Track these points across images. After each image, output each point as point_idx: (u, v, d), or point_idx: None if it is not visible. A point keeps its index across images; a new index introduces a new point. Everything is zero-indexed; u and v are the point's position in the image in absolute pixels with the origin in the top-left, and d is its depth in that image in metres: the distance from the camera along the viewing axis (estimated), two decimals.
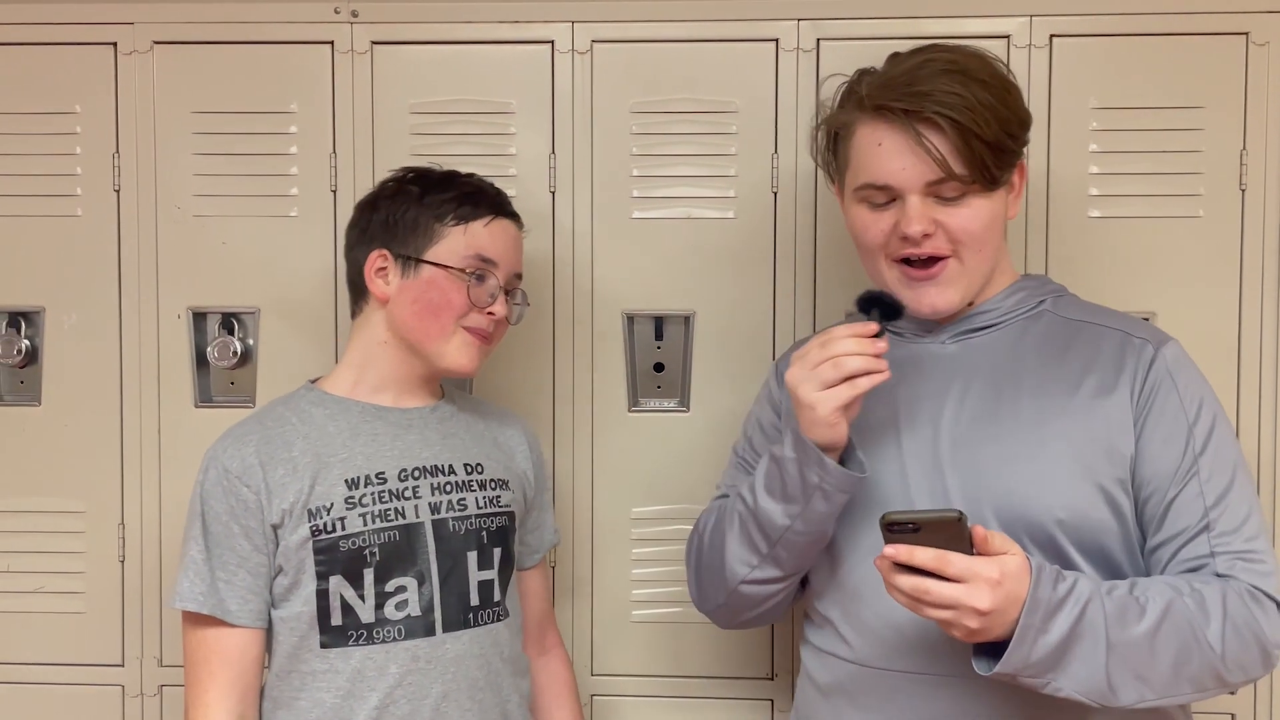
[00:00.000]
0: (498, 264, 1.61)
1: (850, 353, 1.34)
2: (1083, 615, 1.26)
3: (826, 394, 1.34)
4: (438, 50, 1.94)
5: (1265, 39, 1.83)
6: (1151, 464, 1.37)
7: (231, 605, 1.52)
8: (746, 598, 1.52)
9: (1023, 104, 1.45)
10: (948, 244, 1.42)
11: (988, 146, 1.37)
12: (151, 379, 1.97)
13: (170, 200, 1.96)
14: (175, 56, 1.95)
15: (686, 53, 1.91)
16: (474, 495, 1.62)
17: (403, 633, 1.54)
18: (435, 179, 1.63)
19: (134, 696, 1.98)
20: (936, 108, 1.37)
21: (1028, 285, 1.52)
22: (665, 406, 1.96)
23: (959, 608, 1.22)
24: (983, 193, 1.40)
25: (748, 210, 1.91)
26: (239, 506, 1.53)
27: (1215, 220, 1.85)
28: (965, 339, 1.49)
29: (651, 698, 1.95)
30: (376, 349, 1.62)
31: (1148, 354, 1.41)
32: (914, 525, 1.23)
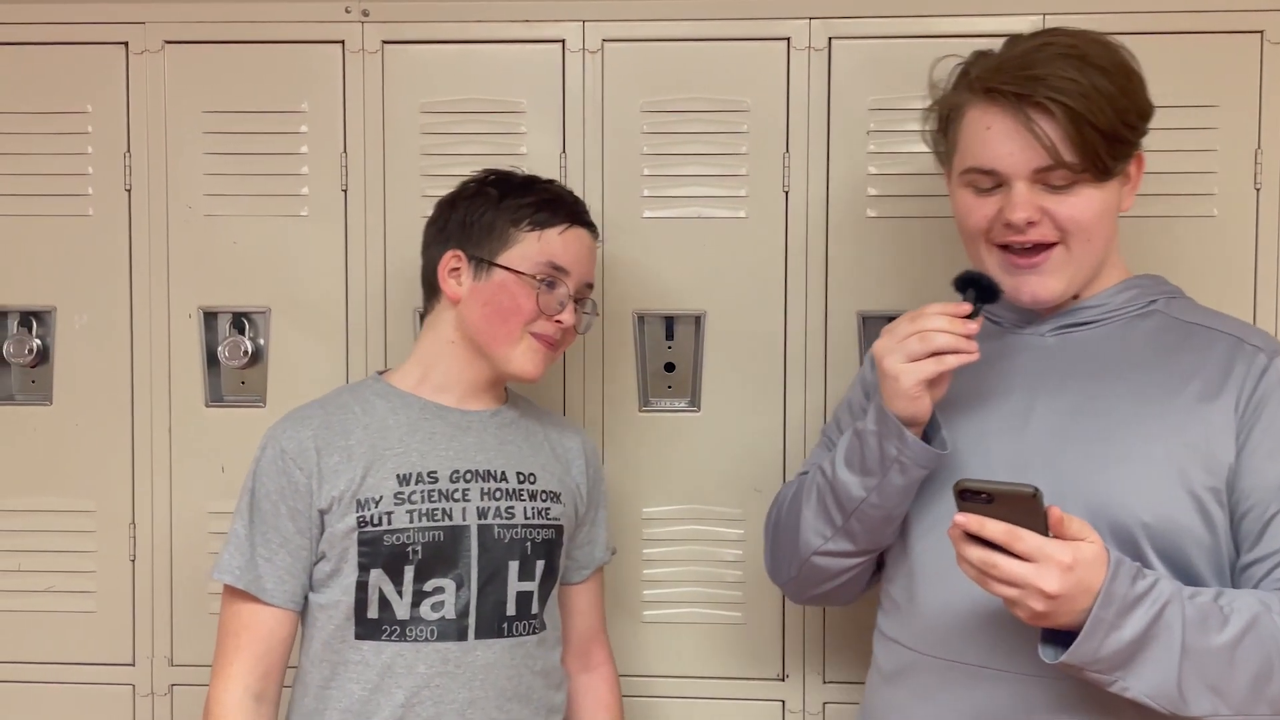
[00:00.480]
0: (569, 272, 1.60)
1: (939, 329, 1.34)
2: (1160, 616, 1.21)
3: (911, 366, 1.34)
4: (448, 49, 1.94)
5: (1275, 40, 1.82)
6: (1252, 477, 1.31)
7: (268, 584, 1.53)
8: (818, 570, 1.52)
9: (1144, 94, 1.39)
10: (1054, 232, 1.37)
11: (1101, 135, 1.33)
12: (162, 378, 1.97)
13: (181, 200, 1.96)
14: (186, 56, 1.95)
15: (697, 52, 1.91)
16: (523, 505, 1.61)
17: (435, 634, 1.54)
18: (516, 183, 1.63)
19: (144, 696, 1.98)
20: (1049, 92, 1.33)
21: (1141, 284, 1.46)
22: (676, 406, 1.95)
23: (1025, 587, 1.19)
24: (1094, 182, 1.35)
25: (759, 210, 1.91)
26: (289, 488, 1.54)
27: (1229, 220, 1.84)
28: (1067, 333, 1.44)
29: (662, 698, 1.95)
30: (444, 347, 1.62)
31: (1260, 362, 1.34)
32: (987, 495, 1.19)
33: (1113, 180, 1.38)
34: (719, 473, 1.94)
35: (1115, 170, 1.37)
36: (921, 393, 1.35)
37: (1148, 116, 1.40)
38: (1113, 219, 1.41)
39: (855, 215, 1.89)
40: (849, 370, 1.90)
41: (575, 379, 1.94)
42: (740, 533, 1.93)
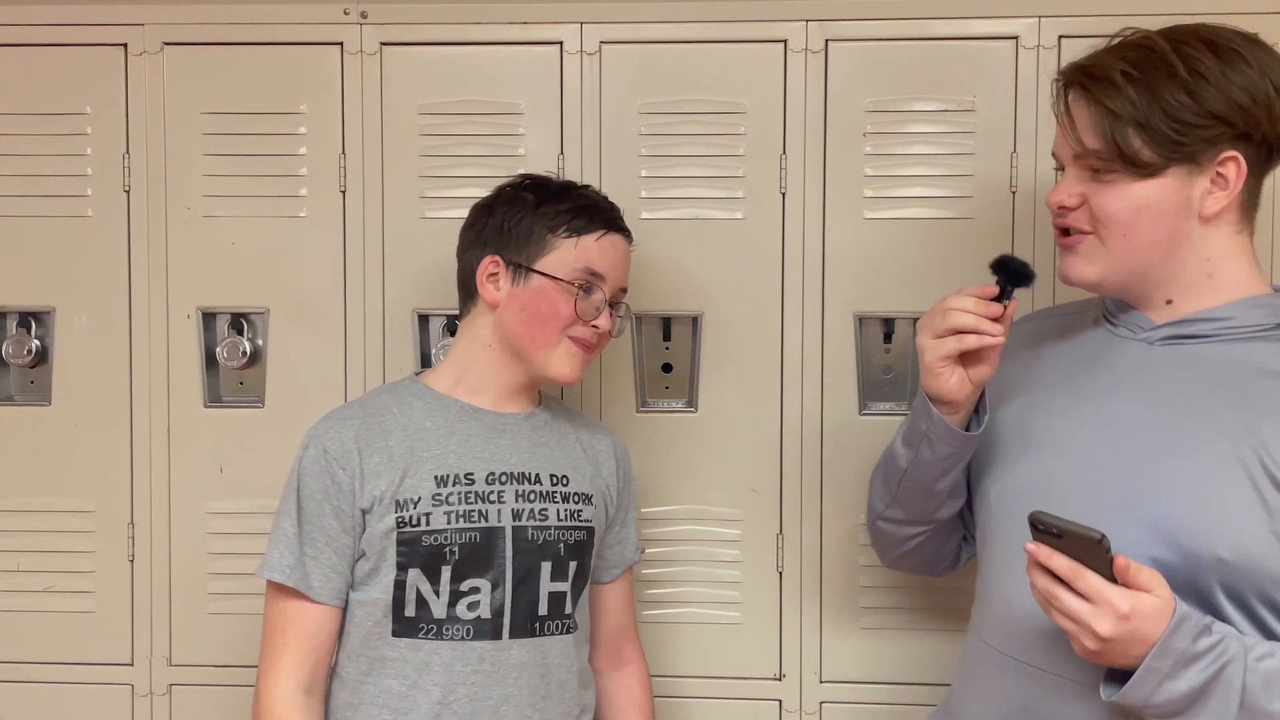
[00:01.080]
0: (605, 278, 1.62)
1: (962, 308, 1.36)
2: (1220, 674, 1.20)
3: (932, 343, 1.38)
4: (447, 51, 1.94)
5: (1273, 41, 1.82)
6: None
7: (315, 581, 1.56)
8: (883, 535, 1.63)
9: (1221, 96, 1.30)
10: (1089, 220, 1.37)
11: (1132, 125, 1.30)
12: (161, 379, 1.97)
13: (180, 201, 1.96)
14: (185, 58, 1.96)
15: (695, 54, 1.91)
16: (556, 507, 1.63)
17: (471, 633, 1.57)
18: (553, 189, 1.64)
19: (143, 696, 1.98)
20: (1083, 78, 1.34)
21: (1275, 302, 1.36)
22: (673, 407, 1.96)
23: (1080, 624, 1.20)
24: (1137, 176, 1.32)
25: (756, 211, 1.91)
26: (333, 487, 1.56)
27: None
28: (1176, 344, 1.37)
29: (660, 698, 1.94)
30: (480, 350, 1.64)
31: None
32: (1057, 531, 1.21)
33: (1163, 177, 1.32)
34: (716, 473, 1.94)
35: (1152, 164, 1.31)
36: (943, 369, 1.38)
37: (1224, 118, 1.30)
38: (1169, 221, 1.33)
39: (852, 217, 1.90)
40: (845, 370, 1.91)
41: None
42: (737, 533, 1.94)
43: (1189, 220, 1.34)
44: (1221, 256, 1.36)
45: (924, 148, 1.88)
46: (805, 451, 1.92)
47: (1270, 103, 1.32)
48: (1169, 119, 1.29)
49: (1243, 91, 1.30)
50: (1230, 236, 1.36)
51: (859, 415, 1.91)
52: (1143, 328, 1.40)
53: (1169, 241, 1.35)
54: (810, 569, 1.93)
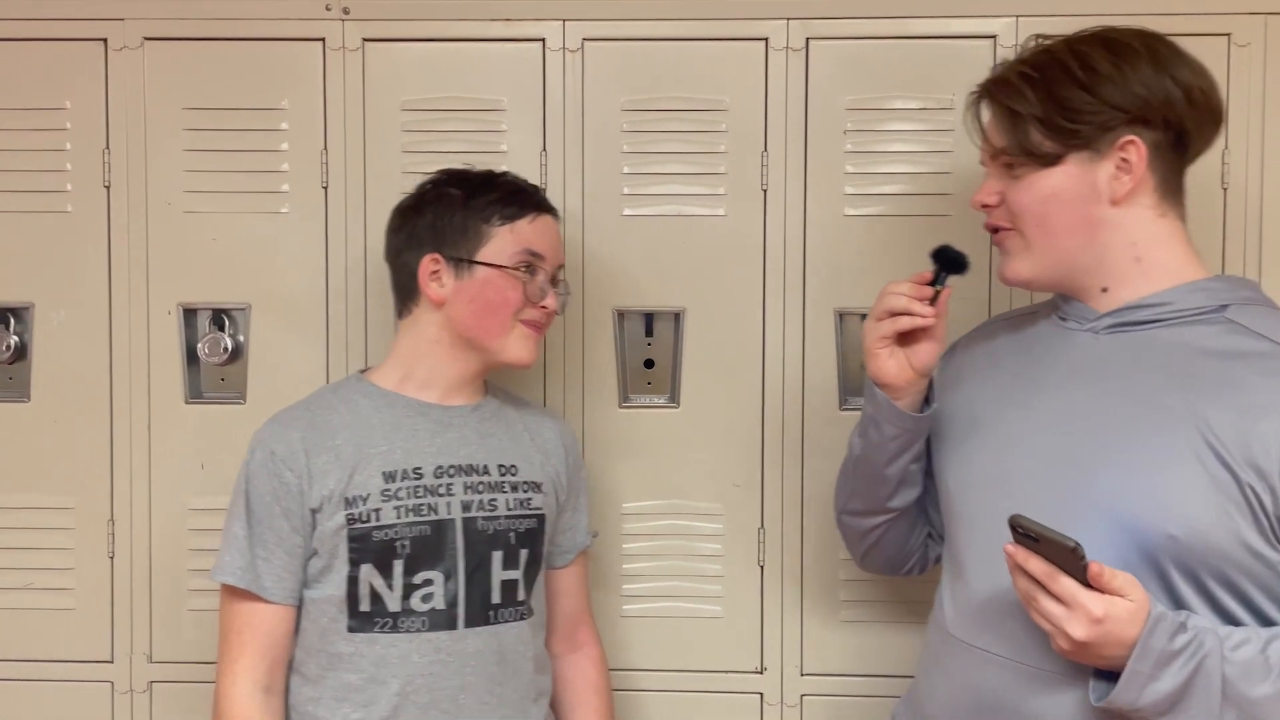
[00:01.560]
0: (545, 257, 1.65)
1: (897, 292, 1.45)
2: (1199, 669, 1.23)
3: (871, 325, 1.47)
4: (429, 48, 1.95)
5: (1247, 40, 1.86)
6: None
7: (268, 582, 1.58)
8: (848, 529, 1.69)
9: (1113, 87, 1.37)
10: (1008, 218, 1.44)
11: (1034, 121, 1.37)
12: (141, 375, 1.97)
13: (161, 196, 1.96)
14: (166, 52, 1.95)
15: (677, 51, 1.93)
16: (505, 496, 1.65)
17: (426, 624, 1.59)
18: (477, 181, 1.66)
19: (123, 693, 1.98)
20: (990, 87, 1.45)
21: (1212, 286, 1.40)
22: (655, 402, 1.97)
23: (1056, 627, 1.24)
24: (1039, 166, 1.39)
25: (738, 208, 1.93)
26: (281, 489, 1.58)
27: (1198, 219, 1.84)
28: (1121, 332, 1.41)
29: (641, 692, 1.96)
30: (428, 347, 1.65)
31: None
32: (1035, 536, 1.24)
33: (1064, 165, 1.38)
34: (698, 468, 1.95)
35: (1052, 154, 1.38)
36: (881, 350, 1.46)
37: (1121, 107, 1.36)
38: (1078, 207, 1.39)
39: (833, 214, 1.92)
40: (826, 366, 1.93)
41: (555, 375, 1.95)
42: (719, 527, 1.95)
43: (1099, 206, 1.39)
44: (1148, 242, 1.40)
45: (904, 145, 1.90)
46: (786, 446, 1.93)
47: (1168, 94, 1.37)
48: (1063, 110, 1.37)
49: (1138, 84, 1.37)
50: (1152, 220, 1.40)
51: (839, 410, 1.92)
52: (1088, 318, 1.44)
53: (1084, 228, 1.40)
54: (791, 563, 1.94)
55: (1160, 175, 1.40)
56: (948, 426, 1.53)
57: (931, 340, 1.47)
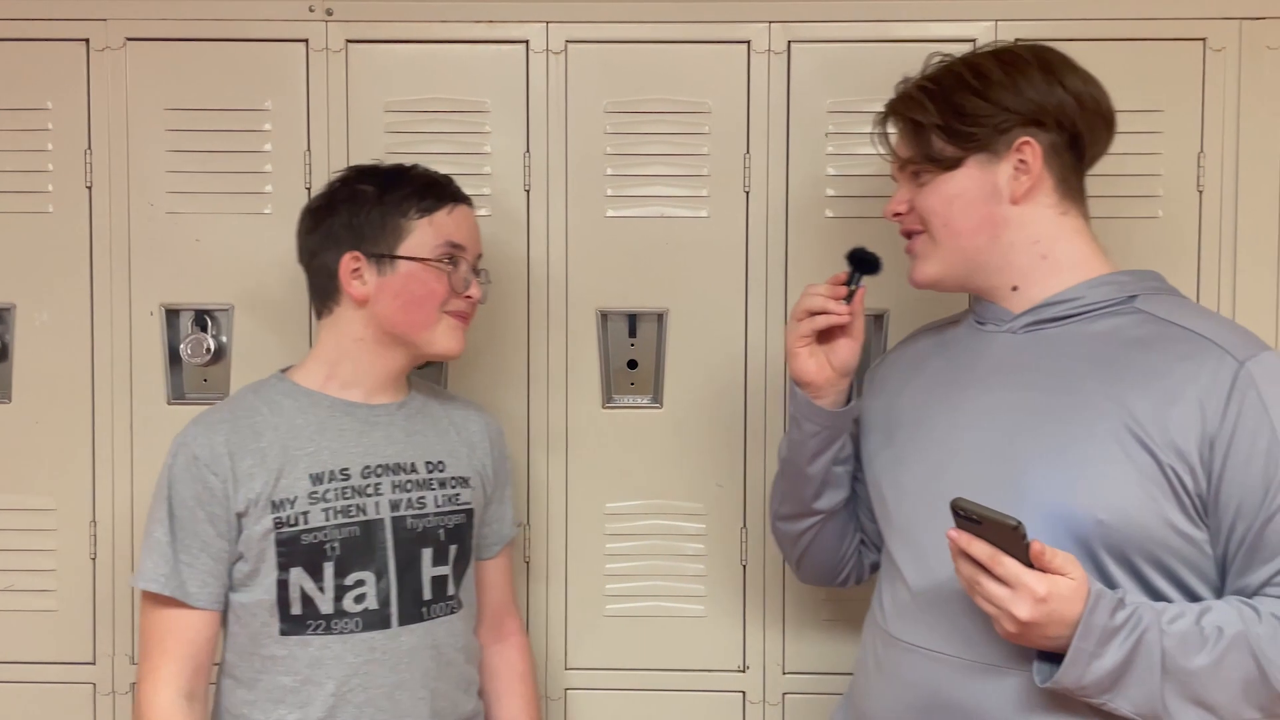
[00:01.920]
0: (465, 247, 1.65)
1: (814, 293, 1.53)
2: (1139, 643, 1.26)
3: (791, 324, 1.55)
4: (413, 49, 1.95)
5: (1222, 45, 1.89)
6: (1235, 489, 1.30)
7: (191, 588, 1.55)
8: (781, 536, 1.72)
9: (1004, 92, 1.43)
10: (918, 221, 1.50)
11: (931, 129, 1.45)
12: (124, 376, 1.96)
13: (143, 197, 1.95)
14: (148, 53, 1.95)
15: (660, 54, 1.94)
16: (434, 494, 1.66)
17: (360, 625, 1.58)
18: (388, 176, 1.65)
19: (105, 694, 1.97)
20: (895, 104, 1.53)
21: (1120, 279, 1.46)
22: (639, 403, 1.98)
23: (1000, 608, 1.26)
24: (941, 170, 1.46)
25: (720, 209, 1.94)
26: (205, 493, 1.55)
27: (1173, 221, 1.91)
28: (1037, 329, 1.45)
29: (625, 690, 1.97)
30: (351, 345, 1.64)
31: (1228, 368, 1.32)
32: (977, 518, 1.26)
33: (965, 168, 1.45)
34: (681, 468, 1.96)
35: (952, 158, 1.45)
36: (800, 349, 1.53)
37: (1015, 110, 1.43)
38: (980, 207, 1.45)
39: (814, 215, 1.93)
40: None
41: (539, 376, 1.96)
42: (702, 527, 1.96)
43: (1001, 205, 1.45)
44: (1052, 238, 1.46)
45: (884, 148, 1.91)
46: (769, 447, 1.94)
47: (1060, 99, 1.44)
48: (960, 116, 1.44)
49: (1030, 89, 1.44)
50: (1054, 218, 1.46)
51: None
52: (1004, 319, 1.49)
53: (988, 226, 1.46)
54: (773, 562, 1.95)
55: (1058, 175, 1.46)
56: (876, 431, 1.58)
57: (849, 338, 1.54)
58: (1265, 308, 1.90)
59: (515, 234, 1.94)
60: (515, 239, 1.94)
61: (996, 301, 1.49)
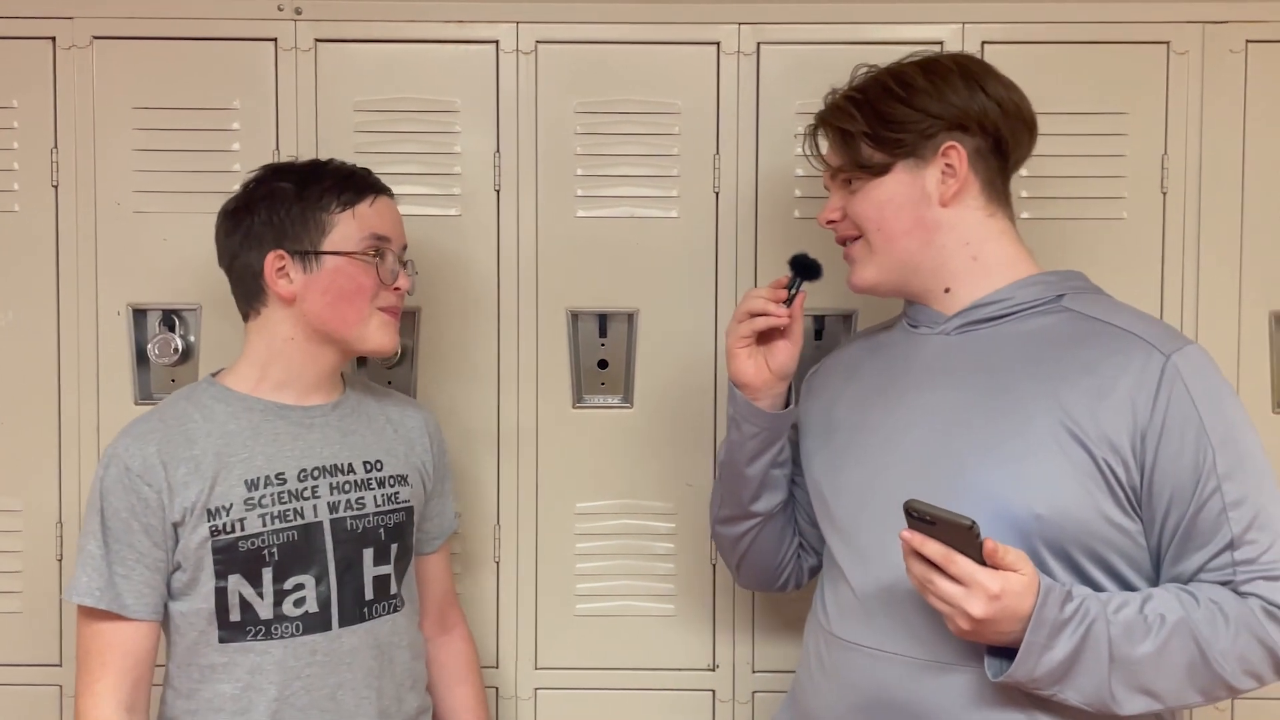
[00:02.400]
0: (390, 239, 1.63)
1: (755, 296, 1.54)
2: (1088, 634, 1.29)
3: (731, 327, 1.56)
4: (382, 49, 1.95)
5: (1185, 48, 1.91)
6: (1167, 480, 1.34)
7: (128, 600, 1.53)
8: (721, 540, 1.73)
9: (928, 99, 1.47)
10: (853, 227, 1.53)
11: (863, 136, 1.48)
12: (90, 376, 1.95)
13: (110, 196, 1.94)
14: (115, 51, 1.94)
15: (630, 55, 1.94)
16: (372, 494, 1.65)
17: (300, 629, 1.57)
18: (304, 172, 1.63)
19: (71, 696, 1.95)
20: (824, 115, 1.56)
21: (1047, 279, 1.49)
22: (609, 403, 1.99)
23: (955, 606, 1.28)
24: (871, 177, 1.49)
25: (690, 210, 1.95)
26: (140, 505, 1.53)
27: (1138, 222, 1.93)
28: (969, 330, 1.48)
29: (595, 690, 1.98)
30: (282, 346, 1.62)
31: (1155, 363, 1.35)
32: (930, 518, 1.28)
33: (894, 173, 1.48)
34: (651, 468, 1.97)
35: (882, 164, 1.48)
36: (740, 350, 1.55)
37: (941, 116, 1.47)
38: (910, 211, 1.49)
39: (783, 215, 1.94)
40: None
41: (509, 375, 1.96)
42: (672, 526, 1.97)
43: (931, 208, 1.48)
44: (981, 240, 1.49)
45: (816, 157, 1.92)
46: None
47: (982, 104, 1.48)
48: (886, 123, 1.48)
49: (953, 95, 1.47)
50: (982, 220, 1.49)
51: None
52: (937, 322, 1.51)
53: (920, 229, 1.49)
54: None
55: (984, 178, 1.49)
56: (815, 435, 1.61)
57: (787, 341, 1.55)
58: (1228, 308, 1.92)
59: (485, 234, 1.94)
60: (485, 239, 1.94)
61: (929, 304, 1.52)
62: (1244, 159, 1.92)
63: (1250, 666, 1.32)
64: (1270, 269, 1.92)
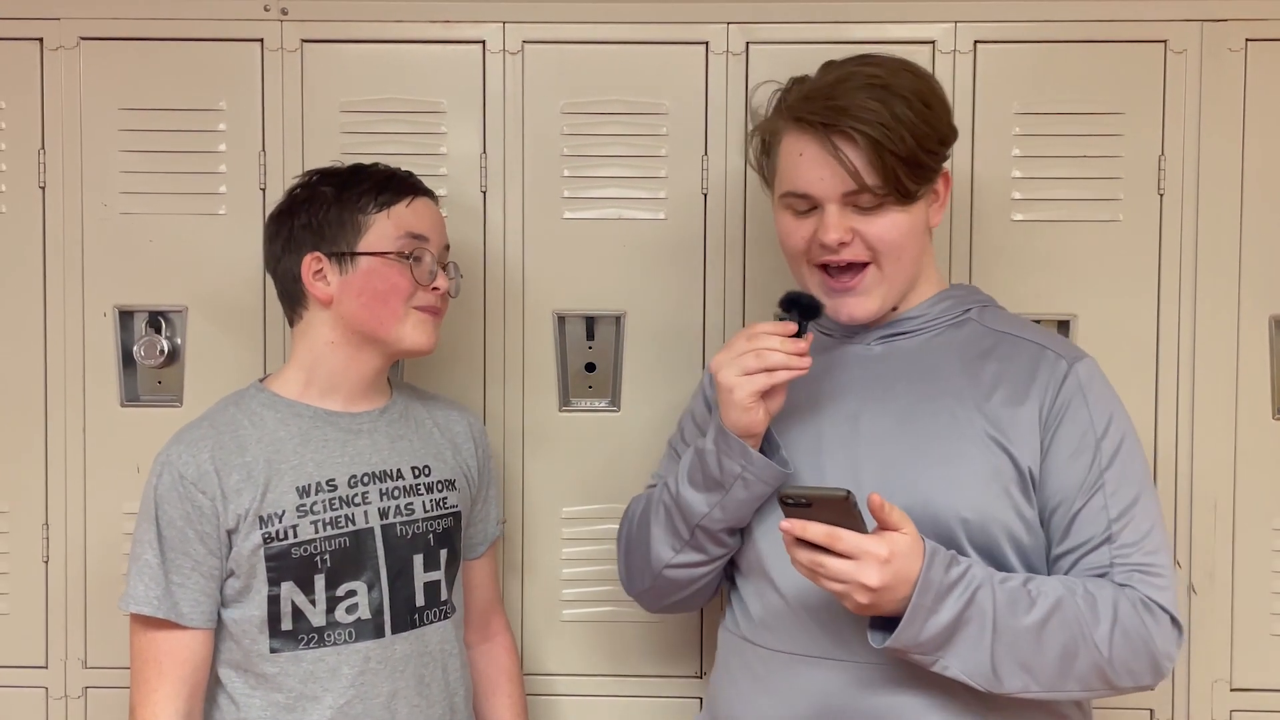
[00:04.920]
0: (429, 239, 1.63)
1: (772, 348, 1.41)
2: (973, 599, 1.30)
3: (745, 379, 1.41)
4: (368, 49, 1.94)
5: (1183, 47, 1.87)
6: (1058, 477, 1.41)
7: (185, 608, 1.53)
8: (671, 581, 1.58)
9: (946, 120, 1.48)
10: (866, 251, 1.45)
11: (901, 161, 1.40)
12: (77, 378, 1.95)
13: (96, 197, 1.94)
14: (102, 52, 1.93)
15: (617, 54, 1.92)
16: (421, 499, 1.64)
17: (353, 635, 1.57)
18: (345, 175, 1.64)
19: (58, 699, 1.96)
20: (851, 122, 1.40)
21: (955, 294, 1.55)
22: (596, 406, 1.97)
23: (849, 582, 1.27)
24: (899, 204, 1.43)
25: (678, 211, 1.93)
26: (194, 513, 1.53)
27: (1134, 224, 1.89)
28: (890, 341, 1.52)
29: (582, 696, 1.96)
30: (324, 350, 1.62)
31: (1060, 369, 1.44)
32: (806, 501, 1.27)
33: (919, 201, 1.46)
34: (639, 472, 1.93)
35: (918, 193, 1.44)
36: (754, 404, 1.41)
37: (949, 141, 1.48)
38: (921, 236, 1.49)
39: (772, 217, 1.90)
40: None
41: (495, 378, 1.95)
42: None
43: (926, 233, 1.51)
44: (926, 261, 1.54)
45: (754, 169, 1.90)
46: None
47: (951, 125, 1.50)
48: (926, 151, 1.43)
49: (946, 109, 1.48)
50: (929, 242, 1.54)
51: None
52: (858, 334, 1.53)
53: (920, 255, 1.50)
54: None
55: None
56: None
57: (785, 387, 1.45)
58: (1227, 313, 1.88)
59: (472, 235, 1.93)
60: (472, 240, 1.92)
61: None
62: (1243, 160, 1.88)
63: (1127, 662, 1.35)
64: (1270, 273, 1.89)
